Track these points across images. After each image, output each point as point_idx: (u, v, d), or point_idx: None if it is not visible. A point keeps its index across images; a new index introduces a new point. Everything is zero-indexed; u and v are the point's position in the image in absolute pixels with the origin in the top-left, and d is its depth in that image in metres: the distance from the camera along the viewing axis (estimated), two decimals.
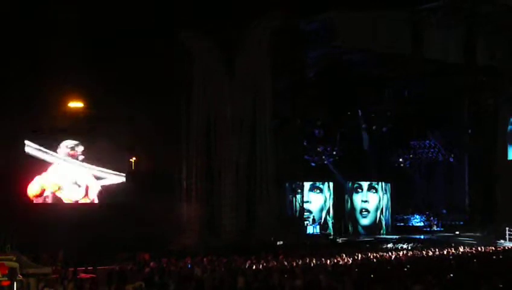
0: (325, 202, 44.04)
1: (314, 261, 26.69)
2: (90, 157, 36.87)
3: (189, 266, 25.95)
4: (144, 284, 20.63)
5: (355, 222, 45.75)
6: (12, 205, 33.54)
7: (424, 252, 31.24)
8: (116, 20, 33.81)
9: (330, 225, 43.52)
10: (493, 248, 33.88)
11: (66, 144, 36.16)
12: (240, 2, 35.50)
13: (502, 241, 38.66)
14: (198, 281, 21.40)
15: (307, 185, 42.73)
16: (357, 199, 45.94)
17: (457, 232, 43.25)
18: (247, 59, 37.63)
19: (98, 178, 37.31)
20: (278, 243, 35.68)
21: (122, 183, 38.02)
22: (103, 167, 37.33)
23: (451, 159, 48.58)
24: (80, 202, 36.84)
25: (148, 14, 34.58)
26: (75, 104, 35.64)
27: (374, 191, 46.21)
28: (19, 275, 20.72)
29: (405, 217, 48.69)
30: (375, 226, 46.03)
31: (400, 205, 48.60)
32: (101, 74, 33.96)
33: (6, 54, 32.62)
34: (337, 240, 40.08)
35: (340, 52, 39.72)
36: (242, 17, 36.41)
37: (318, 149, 44.24)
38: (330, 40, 37.75)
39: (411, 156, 50.09)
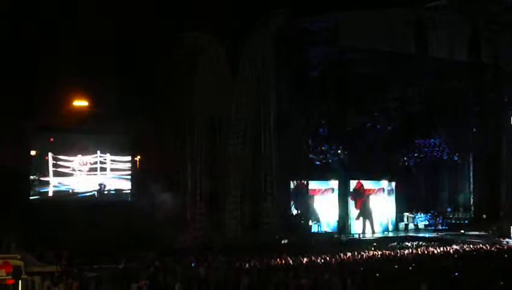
0: None
1: (319, 260, 26.68)
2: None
3: (194, 264, 25.96)
4: (149, 283, 20.66)
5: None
6: (18, 204, 33.67)
7: (429, 250, 31.18)
8: (120, 21, 33.90)
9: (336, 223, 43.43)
10: (498, 247, 33.79)
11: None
12: (244, 1, 35.53)
13: (507, 239, 38.55)
14: (203, 280, 21.44)
15: None
16: None
17: (462, 231, 43.15)
18: (251, 58, 37.65)
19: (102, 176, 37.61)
20: (283, 241, 35.66)
21: (127, 182, 38.19)
22: (107, 165, 37.61)
23: (456, 158, 48.49)
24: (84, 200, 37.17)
25: (151, 14, 34.65)
26: (80, 103, 35.74)
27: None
28: (24, 274, 20.78)
29: (410, 215, 48.56)
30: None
31: (404, 203, 48.48)
32: (104, 73, 34.06)
33: (10, 53, 32.73)
34: (342, 238, 40.03)
35: (344, 51, 39.67)
36: (246, 16, 36.44)
37: (323, 148, 44.16)
38: (334, 39, 37.70)
39: (416, 154, 49.99)
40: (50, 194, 36.72)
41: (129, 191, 38.50)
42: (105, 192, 37.97)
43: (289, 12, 36.39)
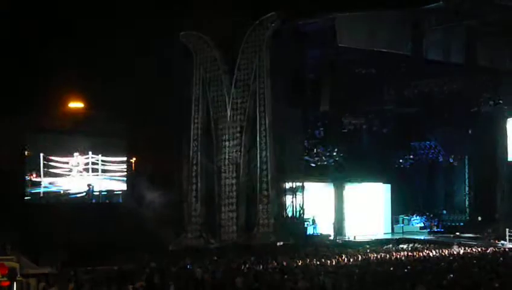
0: None
1: (314, 262, 26.66)
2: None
3: (189, 266, 25.92)
4: (145, 284, 20.61)
5: None
6: (13, 205, 33.58)
7: (424, 253, 31.20)
8: (117, 20, 33.86)
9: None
10: (493, 249, 33.84)
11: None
12: (240, 2, 35.51)
13: (502, 242, 38.61)
14: (198, 282, 21.40)
15: None
16: None
17: (457, 233, 43.19)
18: (248, 59, 37.67)
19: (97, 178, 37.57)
20: (278, 243, 35.65)
21: (122, 183, 38.16)
22: (103, 167, 37.58)
23: (452, 160, 48.54)
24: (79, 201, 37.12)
25: (148, 14, 34.61)
26: (76, 105, 35.66)
27: None
28: (19, 276, 20.72)
29: (405, 218, 48.61)
30: None
31: (400, 205, 48.51)
32: (101, 74, 34.03)
33: (6, 54, 32.66)
34: (337, 240, 40.06)
35: (340, 52, 39.68)
36: (242, 17, 36.44)
37: (318, 150, 44.16)
38: (330, 40, 37.70)
39: (411, 157, 50.06)
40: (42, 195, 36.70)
41: (124, 192, 38.44)
42: (96, 193, 37.92)
43: (286, 13, 36.40)
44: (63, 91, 34.68)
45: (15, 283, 20.12)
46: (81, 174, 37.29)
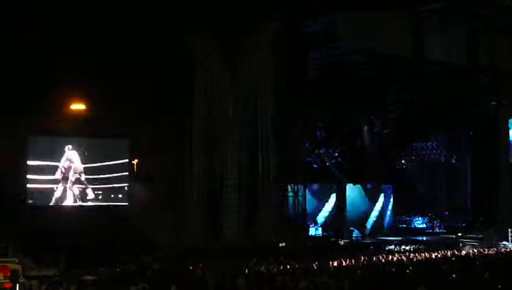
0: None
1: (316, 264, 26.64)
2: (92, 159, 37.03)
3: (191, 267, 25.92)
4: (147, 286, 20.62)
5: None
6: (14, 207, 33.61)
7: (426, 254, 31.17)
8: (118, 21, 33.86)
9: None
10: (496, 250, 33.81)
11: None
12: (242, 3, 35.52)
13: (504, 242, 38.58)
14: (200, 283, 21.41)
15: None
16: None
17: (459, 234, 43.16)
18: (249, 60, 37.68)
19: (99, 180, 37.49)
20: (280, 244, 35.64)
21: (124, 185, 38.13)
22: (105, 169, 37.52)
23: (454, 161, 48.50)
24: (81, 203, 37.02)
25: (150, 15, 34.61)
26: (77, 107, 35.66)
27: None
28: (22, 278, 20.74)
29: (407, 218, 48.59)
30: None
31: (402, 206, 48.49)
32: (102, 76, 34.04)
33: (7, 55, 32.66)
34: (339, 242, 40.03)
35: (341, 53, 39.67)
36: (244, 18, 36.44)
37: (320, 151, 44.17)
38: (331, 41, 37.72)
39: (413, 157, 50.04)
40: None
41: (126, 194, 38.42)
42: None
43: (287, 14, 36.42)
44: (64, 93, 34.68)
45: (17, 285, 20.14)
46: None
